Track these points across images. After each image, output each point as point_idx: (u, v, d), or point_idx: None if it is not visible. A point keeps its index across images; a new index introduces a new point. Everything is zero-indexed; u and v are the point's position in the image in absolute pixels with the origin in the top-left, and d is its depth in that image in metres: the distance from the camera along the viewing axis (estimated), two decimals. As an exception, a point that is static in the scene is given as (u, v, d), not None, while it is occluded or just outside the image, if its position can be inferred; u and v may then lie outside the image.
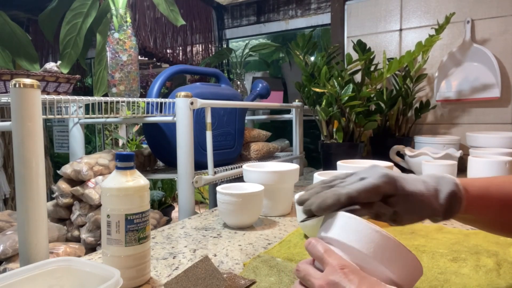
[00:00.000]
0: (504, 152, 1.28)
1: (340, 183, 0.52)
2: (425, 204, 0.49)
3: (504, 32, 1.53)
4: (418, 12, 1.70)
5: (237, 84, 1.85)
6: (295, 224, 0.93)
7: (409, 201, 0.49)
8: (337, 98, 1.37)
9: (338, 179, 0.53)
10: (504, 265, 0.64)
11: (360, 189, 0.48)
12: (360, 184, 0.49)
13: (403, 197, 0.49)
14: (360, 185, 0.48)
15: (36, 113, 0.65)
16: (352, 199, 0.48)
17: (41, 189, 0.66)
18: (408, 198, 0.49)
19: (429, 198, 0.49)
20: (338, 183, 0.52)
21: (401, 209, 0.49)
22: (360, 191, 0.48)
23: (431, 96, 1.69)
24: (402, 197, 0.49)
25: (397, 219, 0.50)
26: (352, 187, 0.48)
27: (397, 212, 0.49)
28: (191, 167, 1.05)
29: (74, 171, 1.02)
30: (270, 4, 2.32)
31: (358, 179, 0.50)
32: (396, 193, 0.49)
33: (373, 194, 0.48)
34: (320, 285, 0.42)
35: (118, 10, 1.09)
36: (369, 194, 0.48)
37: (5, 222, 1.03)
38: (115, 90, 1.09)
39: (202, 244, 0.79)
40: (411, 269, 0.44)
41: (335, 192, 0.48)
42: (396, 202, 0.49)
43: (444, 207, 0.49)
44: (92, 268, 0.53)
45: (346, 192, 0.48)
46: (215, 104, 1.16)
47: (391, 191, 0.49)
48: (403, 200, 0.49)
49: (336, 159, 1.13)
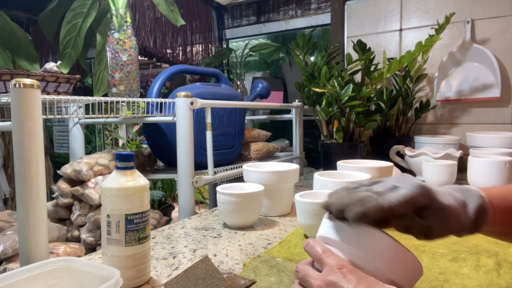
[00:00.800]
0: (504, 152, 1.28)
1: (368, 191, 0.47)
2: (456, 218, 0.47)
3: (504, 32, 1.53)
4: (418, 12, 1.70)
5: (237, 84, 1.85)
6: (295, 224, 0.93)
7: (443, 215, 0.46)
8: (337, 98, 1.37)
9: (363, 185, 0.49)
10: (504, 265, 0.64)
11: (399, 201, 0.44)
12: (398, 194, 0.45)
13: (437, 210, 0.46)
14: (399, 196, 0.45)
15: (36, 113, 0.65)
16: (391, 212, 0.44)
17: (41, 189, 0.66)
18: (442, 211, 0.46)
19: (459, 212, 0.47)
20: (365, 190, 0.47)
21: (434, 223, 0.46)
22: (399, 203, 0.44)
23: (431, 96, 1.69)
24: (436, 210, 0.46)
25: (428, 232, 0.47)
26: (390, 198, 0.44)
27: (429, 225, 0.47)
28: (191, 167, 1.05)
29: (74, 171, 1.02)
30: (270, 4, 2.32)
31: (391, 188, 0.46)
32: (431, 205, 0.46)
33: (410, 206, 0.45)
34: (318, 285, 0.42)
35: (118, 10, 1.09)
36: (406, 206, 0.45)
37: (5, 222, 1.03)
38: (115, 90, 1.09)
39: (202, 244, 0.79)
40: (410, 269, 0.44)
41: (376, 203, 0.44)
42: (430, 215, 0.46)
43: (472, 221, 0.47)
44: (92, 268, 0.54)
45: (387, 205, 0.44)
46: (215, 104, 1.16)
47: (426, 204, 0.46)
48: (437, 214, 0.46)
49: (336, 159, 1.13)
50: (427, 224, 0.46)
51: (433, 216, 0.46)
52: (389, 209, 0.43)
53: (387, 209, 0.43)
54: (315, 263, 0.46)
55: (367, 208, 0.44)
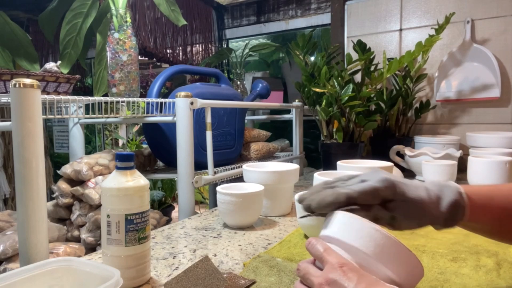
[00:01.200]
0: (504, 152, 1.28)
1: (341, 184, 0.53)
2: (425, 211, 0.49)
3: (504, 32, 1.53)
4: (418, 12, 1.70)
5: (237, 84, 1.85)
6: (295, 224, 0.93)
7: (408, 207, 0.49)
8: (337, 98, 1.37)
9: (341, 180, 0.54)
10: (504, 265, 0.64)
11: (360, 190, 0.49)
12: (360, 186, 0.50)
13: (401, 203, 0.50)
14: (360, 186, 0.49)
15: (36, 113, 0.65)
16: (351, 200, 0.49)
17: (41, 189, 0.66)
18: (407, 204, 0.49)
19: (429, 205, 0.49)
20: (339, 184, 0.53)
21: (399, 215, 0.50)
22: (359, 192, 0.49)
23: (431, 96, 1.69)
24: (400, 202, 0.50)
25: (394, 224, 0.51)
26: (352, 188, 0.50)
27: (395, 217, 0.50)
28: (191, 167, 1.05)
29: (74, 171, 1.02)
30: (270, 4, 2.32)
31: (359, 181, 0.51)
32: (395, 198, 0.50)
33: (372, 197, 0.49)
34: (319, 283, 0.42)
35: (118, 10, 1.09)
36: (367, 196, 0.49)
37: (5, 222, 1.03)
38: (115, 90, 1.09)
39: (202, 244, 0.79)
40: (411, 268, 0.44)
41: (334, 191, 0.50)
42: (395, 207, 0.50)
43: (445, 215, 0.49)
44: (92, 268, 0.54)
45: (346, 192, 0.49)
46: (215, 104, 1.16)
47: (390, 196, 0.50)
48: (401, 206, 0.50)
49: (336, 159, 1.13)
50: (392, 215, 0.50)
51: (398, 209, 0.50)
52: (347, 197, 0.48)
53: (345, 197, 0.48)
54: (317, 261, 0.46)
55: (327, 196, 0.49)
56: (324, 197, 0.49)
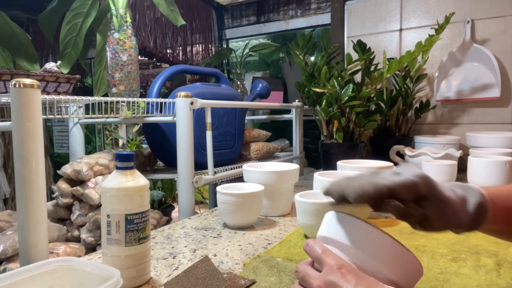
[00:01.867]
0: (504, 152, 1.28)
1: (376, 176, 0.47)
2: (455, 213, 0.47)
3: (504, 32, 1.53)
4: (418, 12, 1.70)
5: (237, 84, 1.85)
6: (295, 224, 0.93)
7: (442, 207, 0.47)
8: (337, 98, 1.37)
9: (365, 176, 0.49)
10: (504, 265, 0.64)
11: (400, 183, 0.45)
12: (399, 178, 0.45)
13: (437, 202, 0.46)
14: (399, 179, 0.45)
15: (36, 113, 0.65)
16: (391, 192, 0.45)
17: (41, 189, 0.65)
18: (442, 203, 0.46)
19: (458, 206, 0.47)
20: (366, 177, 0.48)
21: (432, 214, 0.47)
22: (399, 185, 0.45)
23: (431, 96, 1.69)
24: (436, 201, 0.46)
25: (425, 223, 0.47)
26: (391, 180, 0.45)
27: (428, 216, 0.47)
28: (191, 167, 1.05)
29: (74, 171, 1.02)
30: (270, 4, 2.32)
31: (393, 173, 0.47)
32: (431, 195, 0.46)
33: (410, 191, 0.45)
34: (318, 285, 0.42)
35: (118, 10, 1.09)
36: (406, 189, 0.45)
37: (5, 222, 1.03)
38: (115, 90, 1.09)
39: (202, 244, 0.79)
40: (410, 269, 0.44)
41: (375, 182, 0.45)
42: (429, 205, 0.47)
43: (471, 218, 0.47)
44: (92, 268, 0.54)
45: (386, 184, 0.45)
46: (215, 104, 1.16)
47: (426, 192, 0.46)
48: (436, 205, 0.47)
49: (336, 159, 1.13)
50: (425, 213, 0.47)
51: (432, 207, 0.47)
52: (388, 189, 0.44)
53: (386, 188, 0.44)
54: (315, 263, 0.46)
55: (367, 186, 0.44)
56: (365, 189, 0.44)
